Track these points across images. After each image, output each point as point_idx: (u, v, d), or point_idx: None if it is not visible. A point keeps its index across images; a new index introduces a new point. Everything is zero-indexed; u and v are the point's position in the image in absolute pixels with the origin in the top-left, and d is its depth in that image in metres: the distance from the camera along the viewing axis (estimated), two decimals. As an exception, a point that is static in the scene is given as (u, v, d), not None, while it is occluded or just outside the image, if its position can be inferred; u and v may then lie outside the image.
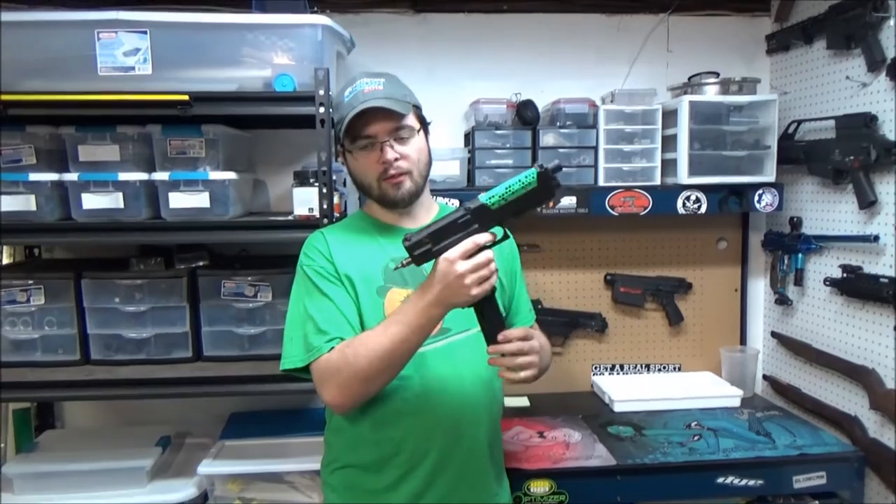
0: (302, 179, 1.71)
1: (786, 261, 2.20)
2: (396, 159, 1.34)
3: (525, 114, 2.11)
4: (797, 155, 2.08)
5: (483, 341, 1.25)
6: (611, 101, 2.13)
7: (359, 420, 1.37)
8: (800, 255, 2.14)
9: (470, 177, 2.10)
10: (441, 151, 1.99)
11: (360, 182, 1.41)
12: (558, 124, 2.09)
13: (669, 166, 2.09)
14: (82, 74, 1.65)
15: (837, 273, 1.98)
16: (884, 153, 1.79)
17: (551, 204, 2.01)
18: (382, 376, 1.26)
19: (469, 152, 2.10)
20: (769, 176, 2.07)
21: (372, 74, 1.39)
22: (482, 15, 2.25)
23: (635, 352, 2.40)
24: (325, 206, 1.66)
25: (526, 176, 1.17)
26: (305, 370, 1.31)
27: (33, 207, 1.70)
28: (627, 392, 2.20)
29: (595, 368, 2.39)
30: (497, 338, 1.23)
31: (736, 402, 2.17)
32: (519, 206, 1.19)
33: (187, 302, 1.83)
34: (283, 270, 1.74)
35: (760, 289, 2.41)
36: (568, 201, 2.04)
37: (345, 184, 1.92)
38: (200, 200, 1.72)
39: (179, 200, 1.71)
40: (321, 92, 1.63)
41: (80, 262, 2.05)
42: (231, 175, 1.74)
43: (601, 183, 2.08)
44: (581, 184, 2.08)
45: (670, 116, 2.08)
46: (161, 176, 1.71)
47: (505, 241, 1.23)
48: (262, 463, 1.81)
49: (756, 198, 2.08)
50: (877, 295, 1.84)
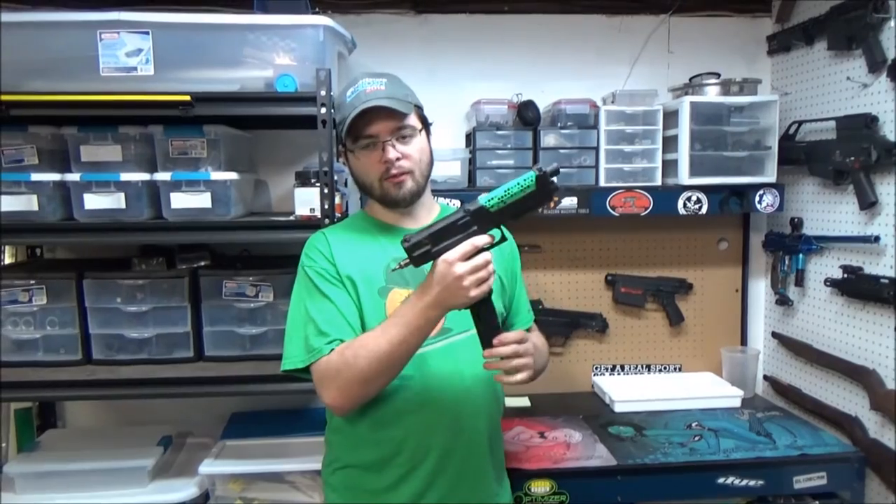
0: (303, 180, 1.71)
1: (786, 261, 2.20)
2: (398, 159, 1.34)
3: (526, 114, 2.11)
4: (798, 156, 2.08)
5: (483, 342, 1.26)
6: (612, 102, 2.13)
7: (360, 420, 1.37)
8: (800, 256, 2.14)
9: (471, 177, 2.10)
10: (442, 152, 1.99)
11: (362, 182, 1.41)
12: (559, 125, 2.10)
13: (670, 167, 2.10)
14: (84, 75, 1.65)
15: (838, 274, 1.98)
16: (884, 154, 1.80)
17: (552, 204, 2.01)
18: (382, 378, 1.27)
19: (470, 153, 2.10)
20: (770, 177, 2.07)
21: (373, 75, 1.40)
22: (483, 16, 2.25)
23: (636, 352, 2.40)
24: (327, 207, 1.66)
25: (525, 179, 1.17)
26: (306, 371, 1.31)
27: (35, 207, 1.70)
28: (628, 392, 2.20)
29: (596, 369, 2.39)
30: (492, 341, 1.23)
31: (736, 403, 2.17)
32: (517, 209, 1.20)
33: (189, 302, 1.83)
34: (285, 270, 1.75)
35: (761, 289, 2.42)
36: (569, 202, 2.04)
37: (346, 184, 1.93)
38: (202, 201, 1.72)
39: (181, 201, 1.72)
40: (323, 92, 1.63)
41: (82, 263, 2.05)
42: (233, 175, 1.74)
43: (602, 183, 2.09)
44: (582, 184, 2.08)
45: (671, 117, 2.08)
46: (163, 176, 1.71)
47: (505, 242, 1.24)
48: (264, 463, 1.81)
49: (757, 198, 2.08)
50: (877, 295, 1.84)
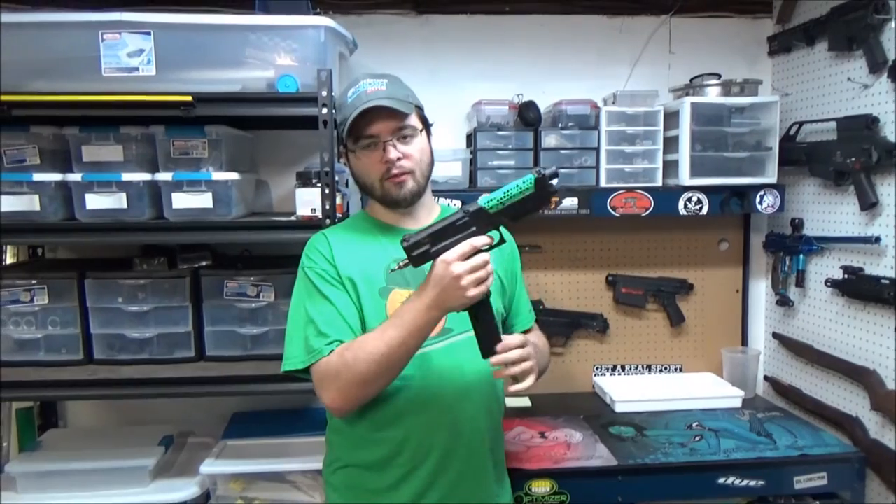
0: (304, 180, 1.72)
1: (787, 262, 2.20)
2: (399, 158, 1.35)
3: (527, 115, 2.11)
4: (798, 156, 2.08)
5: (484, 342, 1.26)
6: (612, 103, 2.14)
7: (360, 420, 1.37)
8: (801, 257, 2.14)
9: (472, 178, 2.10)
10: (443, 152, 1.99)
11: (363, 182, 1.42)
12: (560, 125, 2.10)
13: (671, 167, 2.10)
14: (86, 75, 1.66)
15: (838, 274, 1.98)
16: (885, 155, 1.80)
17: (552, 205, 2.01)
18: (381, 379, 1.27)
19: (471, 153, 2.10)
20: (770, 177, 2.07)
21: (374, 75, 1.40)
22: (484, 16, 2.25)
23: (636, 352, 2.40)
24: (328, 207, 1.67)
25: (524, 181, 1.18)
26: (306, 372, 1.32)
27: (37, 207, 1.71)
28: (629, 392, 2.20)
29: (596, 369, 2.39)
30: (497, 348, 1.24)
31: (737, 403, 2.17)
32: (516, 211, 1.20)
33: (190, 302, 1.83)
34: (286, 271, 1.75)
35: (762, 290, 2.42)
36: (570, 202, 2.04)
37: (347, 184, 1.93)
38: (203, 201, 1.72)
39: (182, 201, 1.72)
40: (324, 93, 1.63)
41: (84, 262, 2.06)
42: (234, 175, 1.75)
43: (603, 184, 2.09)
44: (583, 185, 2.09)
45: (672, 118, 2.08)
46: (164, 176, 1.72)
47: (504, 244, 1.24)
48: (265, 462, 1.81)
49: (757, 199, 2.09)
50: (878, 296, 1.84)
